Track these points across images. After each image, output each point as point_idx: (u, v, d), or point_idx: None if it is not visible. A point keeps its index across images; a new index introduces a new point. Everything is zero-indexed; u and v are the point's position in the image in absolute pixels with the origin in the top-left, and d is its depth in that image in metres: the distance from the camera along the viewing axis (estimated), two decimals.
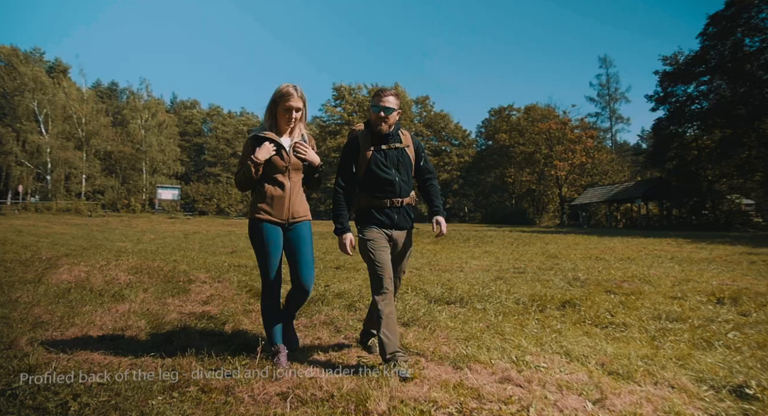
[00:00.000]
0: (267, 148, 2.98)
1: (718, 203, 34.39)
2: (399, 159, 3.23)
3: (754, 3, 30.75)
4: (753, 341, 3.66)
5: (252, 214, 3.08)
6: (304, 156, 3.09)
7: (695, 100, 35.43)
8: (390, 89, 3.20)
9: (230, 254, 11.05)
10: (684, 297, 5.50)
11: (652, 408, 2.47)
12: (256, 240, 3.05)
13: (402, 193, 3.20)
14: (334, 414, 2.28)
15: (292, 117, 3.02)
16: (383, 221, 3.18)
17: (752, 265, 8.79)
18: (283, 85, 3.01)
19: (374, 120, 3.17)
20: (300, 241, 3.10)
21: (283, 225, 3.07)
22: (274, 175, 3.04)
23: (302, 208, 3.15)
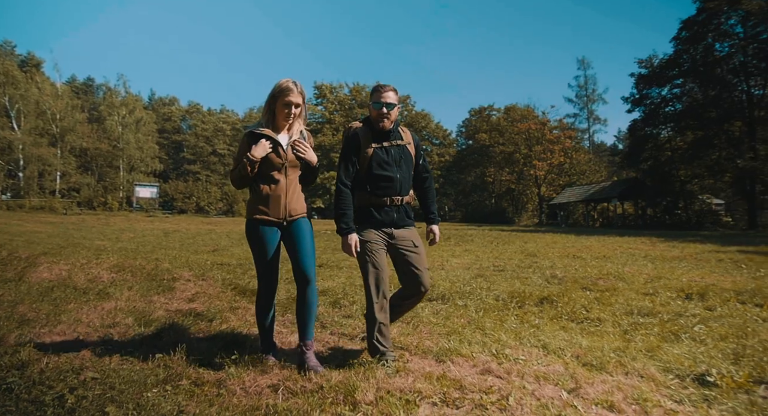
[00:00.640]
0: (263, 145, 2.92)
1: (690, 203, 35.39)
2: (401, 156, 3.16)
3: (723, 9, 31.73)
4: (716, 333, 3.88)
5: (249, 214, 3.03)
6: (303, 155, 3.02)
7: (669, 102, 36.38)
8: (389, 85, 3.13)
9: (212, 252, 11.03)
10: (655, 294, 5.74)
11: (623, 395, 2.63)
12: (253, 241, 3.01)
13: (402, 190, 3.15)
14: (324, 404, 2.38)
15: (291, 113, 2.96)
16: (382, 220, 3.11)
17: (720, 263, 9.15)
18: (283, 80, 2.94)
19: (375, 117, 3.10)
20: (299, 234, 3.02)
21: (281, 223, 3.00)
22: (271, 172, 2.96)
23: (299, 206, 3.07)
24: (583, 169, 52.04)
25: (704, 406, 2.50)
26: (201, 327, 3.95)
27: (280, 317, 4.43)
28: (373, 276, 3.04)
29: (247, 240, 3.08)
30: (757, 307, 4.95)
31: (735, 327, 4.08)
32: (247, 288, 5.65)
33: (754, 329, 4.01)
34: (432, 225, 3.36)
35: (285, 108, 2.95)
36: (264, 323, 3.17)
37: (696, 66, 33.62)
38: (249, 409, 2.31)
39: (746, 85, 32.63)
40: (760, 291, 5.70)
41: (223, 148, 68.82)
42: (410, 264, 3.14)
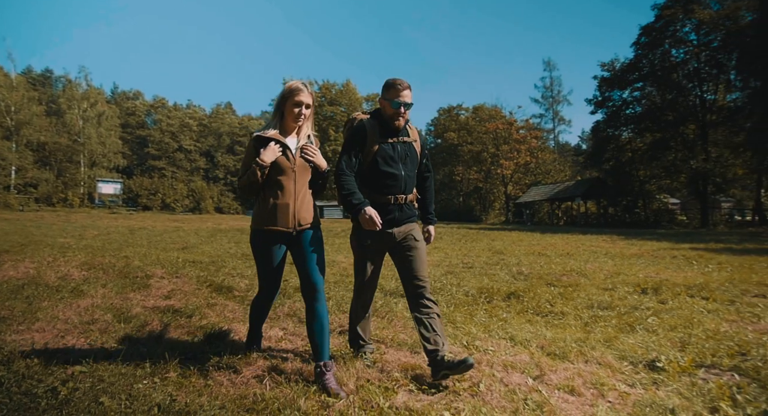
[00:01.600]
0: (272, 148, 2.78)
1: (649, 202, 36.88)
2: (407, 153, 3.05)
3: (679, 18, 33.19)
4: (667, 324, 4.21)
5: (256, 224, 2.86)
6: (312, 158, 2.87)
7: (629, 104, 37.78)
8: (405, 81, 2.97)
9: (182, 250, 10.93)
10: (614, 289, 6.09)
11: (582, 381, 2.87)
12: (259, 253, 2.88)
13: (407, 189, 3.04)
14: (309, 393, 2.53)
15: (302, 113, 2.83)
16: (384, 219, 2.95)
17: (673, 259, 9.69)
18: (292, 81, 2.85)
19: (391, 114, 2.97)
20: (308, 246, 2.85)
21: (290, 233, 2.82)
22: (279, 177, 2.80)
23: (309, 215, 2.89)
24: (549, 169, 53.36)
25: (653, 389, 2.76)
26: (181, 322, 4.02)
27: None
28: (363, 277, 3.06)
29: (252, 250, 2.95)
30: (704, 300, 5.34)
31: (683, 318, 4.43)
32: (222, 286, 5.71)
33: (700, 320, 4.36)
34: (429, 225, 3.27)
35: (296, 107, 2.82)
36: (257, 322, 3.22)
37: (654, 70, 35.06)
38: (237, 398, 2.44)
39: (700, 90, 34.28)
40: (707, 285, 6.13)
41: (190, 144, 67.39)
42: (410, 268, 3.00)
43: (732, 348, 3.47)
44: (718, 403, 2.48)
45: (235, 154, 70.34)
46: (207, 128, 70.69)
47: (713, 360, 3.23)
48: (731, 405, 2.47)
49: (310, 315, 2.82)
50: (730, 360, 3.21)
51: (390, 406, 2.41)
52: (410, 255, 3.00)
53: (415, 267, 2.99)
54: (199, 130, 69.74)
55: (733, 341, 3.64)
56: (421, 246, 3.07)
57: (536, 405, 2.49)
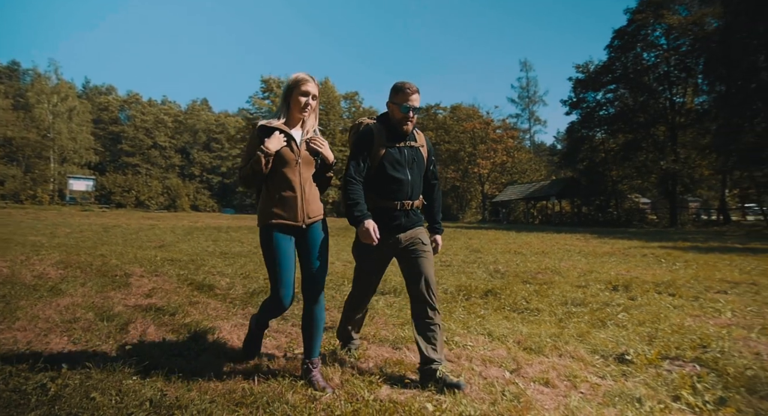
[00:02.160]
0: (277, 137, 2.71)
1: (621, 202, 37.83)
2: (414, 158, 3.01)
3: (650, 22, 34.18)
4: (636, 320, 4.41)
5: (263, 220, 2.77)
6: (320, 149, 2.83)
7: (603, 106, 38.66)
8: (413, 84, 2.94)
9: (159, 248, 10.83)
10: (587, 286, 6.31)
11: (557, 373, 3.03)
12: (268, 249, 2.74)
13: (413, 194, 3.00)
14: (296, 387, 2.62)
15: (308, 103, 2.79)
16: (390, 225, 2.93)
17: (643, 258, 10.03)
18: (298, 73, 2.80)
19: (400, 119, 2.93)
20: (315, 242, 2.82)
21: (299, 227, 2.77)
22: (283, 169, 2.74)
23: (317, 207, 2.86)
24: (524, 168, 54.19)
25: (622, 380, 2.93)
26: (164, 320, 4.04)
27: (241, 310, 4.59)
28: (363, 285, 3.06)
29: (261, 248, 2.80)
30: (671, 296, 5.59)
31: (651, 314, 4.64)
32: (203, 284, 5.73)
33: (666, 315, 4.58)
34: (436, 235, 3.24)
35: (303, 97, 2.77)
36: (267, 317, 2.99)
37: (627, 73, 35.98)
38: (226, 392, 2.51)
39: (669, 93, 35.37)
40: (674, 282, 6.41)
41: (165, 141, 66.26)
42: (416, 275, 2.93)
43: (694, 341, 3.68)
44: (680, 392, 2.66)
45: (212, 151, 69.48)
46: (182, 125, 69.58)
47: (677, 352, 3.43)
48: (691, 393, 2.65)
49: (308, 316, 2.81)
50: (692, 352, 3.42)
51: (374, 399, 2.51)
52: (417, 259, 2.94)
53: (422, 271, 2.92)
54: (174, 127, 68.63)
55: (695, 335, 3.86)
56: (429, 249, 3.02)
57: (513, 396, 2.62)
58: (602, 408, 2.48)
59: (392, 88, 2.97)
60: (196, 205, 57.45)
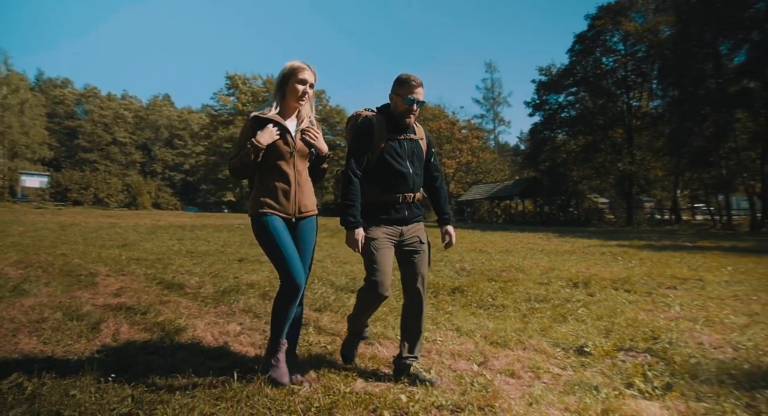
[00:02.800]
0: (270, 131, 2.64)
1: (581, 202, 39.10)
2: (414, 151, 3.00)
3: (609, 28, 35.53)
4: (594, 314, 4.67)
5: (255, 210, 2.70)
6: (314, 141, 2.77)
7: (565, 108, 39.89)
8: (417, 77, 2.92)
9: (123, 247, 10.60)
10: (549, 283, 6.58)
11: (521, 365, 3.21)
12: (265, 235, 2.66)
13: (415, 187, 2.99)
14: None
15: (306, 91, 2.72)
16: (392, 218, 2.92)
17: (602, 256, 10.48)
18: (293, 61, 2.73)
19: (403, 111, 2.91)
20: (306, 237, 2.81)
21: (290, 220, 2.73)
22: (277, 161, 2.70)
23: (310, 201, 2.83)
24: (489, 168, 55.17)
25: (581, 370, 3.14)
26: (136, 319, 4.04)
27: (213, 308, 4.61)
28: (374, 275, 2.83)
29: (256, 239, 2.72)
30: (626, 292, 5.92)
31: (608, 309, 4.92)
32: (173, 283, 5.70)
33: (622, 310, 4.87)
34: (446, 225, 3.18)
35: (300, 85, 2.70)
36: (285, 318, 2.70)
37: (587, 77, 37.26)
38: (206, 387, 2.57)
39: (627, 96, 36.87)
40: (629, 279, 6.77)
41: (125, 137, 64.27)
42: (412, 270, 2.97)
43: (646, 333, 3.94)
44: (633, 379, 2.88)
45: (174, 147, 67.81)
46: (143, 120, 67.65)
47: (631, 344, 3.67)
48: (643, 380, 2.87)
49: (280, 311, 2.69)
50: (645, 343, 3.67)
51: (351, 391, 2.62)
52: (415, 258, 2.97)
53: (420, 270, 2.96)
54: (134, 122, 66.66)
55: (647, 327, 4.13)
56: (426, 248, 3.04)
57: (481, 386, 2.78)
58: (563, 396, 2.66)
59: (396, 80, 2.95)
60: (158, 203, 55.97)
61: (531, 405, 2.51)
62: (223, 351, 3.25)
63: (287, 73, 2.72)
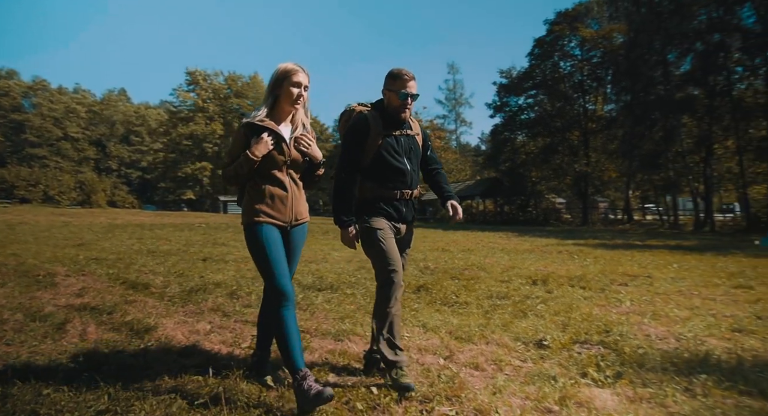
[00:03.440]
0: (265, 141, 2.55)
1: (539, 202, 40.26)
2: (411, 147, 2.96)
3: (566, 33, 36.80)
4: (552, 310, 4.92)
5: (249, 217, 2.60)
6: (308, 149, 2.68)
7: (524, 110, 40.97)
8: (410, 71, 2.88)
9: (79, 247, 10.29)
10: (510, 281, 6.84)
11: (485, 358, 3.38)
12: (257, 245, 2.56)
13: (413, 184, 2.95)
14: (248, 378, 2.77)
15: (301, 94, 2.63)
16: (392, 214, 2.89)
17: (559, 254, 10.92)
18: (286, 63, 2.63)
19: (398, 106, 2.86)
20: (297, 245, 2.78)
21: (285, 228, 2.67)
22: (272, 170, 2.61)
23: (304, 208, 2.78)
24: (451, 168, 55.93)
25: (540, 362, 3.34)
26: (103, 319, 4.00)
27: (181, 307, 4.60)
28: (389, 266, 2.74)
29: (248, 247, 2.62)
30: (582, 289, 6.23)
31: (565, 305, 5.19)
32: (137, 283, 5.63)
33: (578, 305, 5.14)
34: (450, 200, 3.01)
35: (295, 88, 2.60)
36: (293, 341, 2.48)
37: (546, 80, 38.43)
38: (181, 384, 2.62)
39: (583, 100, 38.24)
40: (584, 276, 7.11)
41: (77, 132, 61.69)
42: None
43: (600, 327, 4.20)
44: (587, 369, 3.09)
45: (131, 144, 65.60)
46: (98, 115, 65.08)
47: (586, 337, 3.91)
48: (596, 370, 3.09)
49: (278, 322, 2.50)
50: (598, 336, 3.92)
51: (323, 385, 2.71)
52: (402, 258, 2.97)
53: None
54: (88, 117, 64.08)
55: (601, 321, 4.40)
56: (407, 255, 3.08)
57: (448, 379, 2.93)
58: (524, 386, 2.84)
59: (388, 75, 2.90)
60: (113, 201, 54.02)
61: (494, 395, 2.67)
62: (196, 349, 3.28)
63: (280, 75, 2.61)
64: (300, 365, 2.43)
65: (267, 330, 2.85)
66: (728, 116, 26.63)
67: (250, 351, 3.28)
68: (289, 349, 2.45)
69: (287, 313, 2.49)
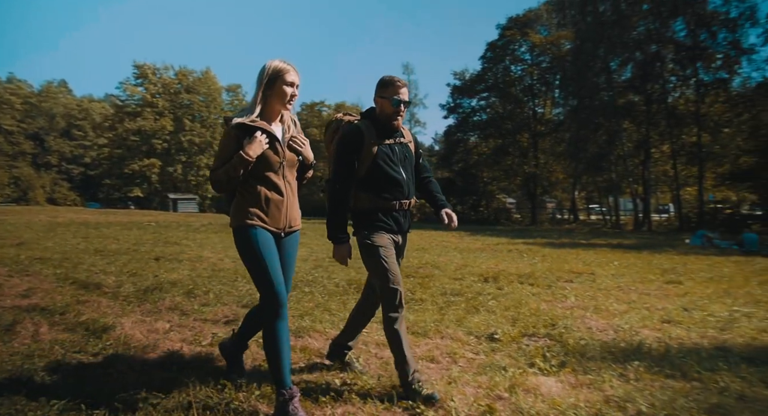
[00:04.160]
0: (259, 140, 2.40)
1: (490, 202, 41.37)
2: (406, 155, 2.89)
3: (517, 38, 38.05)
4: (503, 306, 5.18)
5: (241, 220, 2.45)
6: (301, 148, 2.59)
7: (477, 112, 41.90)
8: (401, 78, 2.82)
9: (18, 246, 9.81)
10: (463, 278, 7.09)
11: (440, 352, 3.56)
12: (249, 249, 2.42)
13: (410, 193, 2.88)
14: (216, 373, 2.82)
15: (294, 94, 2.52)
16: (391, 226, 2.82)
17: (509, 253, 11.35)
18: (273, 61, 2.50)
19: (390, 113, 2.79)
20: (291, 253, 2.65)
21: (279, 235, 2.54)
22: (266, 173, 2.47)
23: (298, 215, 2.67)
24: None
25: (491, 354, 3.55)
26: (55, 320, 3.91)
27: (138, 307, 4.54)
28: (392, 286, 2.68)
29: (239, 251, 2.48)
30: (530, 286, 6.56)
31: (515, 300, 5.46)
32: (89, 283, 5.49)
33: (526, 301, 5.43)
34: (446, 208, 2.97)
35: (288, 88, 2.48)
36: (283, 356, 2.38)
37: (498, 83, 39.53)
38: (145, 382, 2.64)
39: (533, 103, 39.63)
40: (533, 274, 7.48)
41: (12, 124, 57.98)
42: None
43: (547, 321, 4.48)
44: (535, 360, 3.33)
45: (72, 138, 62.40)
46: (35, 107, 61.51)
47: (533, 330, 4.17)
48: (542, 360, 3.33)
49: (270, 333, 2.40)
50: (545, 329, 4.19)
51: None
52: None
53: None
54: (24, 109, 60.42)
55: (548, 316, 4.68)
56: (401, 261, 3.04)
57: None
58: (477, 376, 3.03)
59: (379, 83, 2.85)
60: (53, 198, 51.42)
61: (450, 384, 2.85)
62: (156, 348, 3.29)
63: (272, 75, 2.46)
64: (288, 382, 2.35)
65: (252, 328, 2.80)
66: (664, 122, 28.35)
67: (211, 349, 3.33)
68: (280, 364, 2.35)
69: (281, 325, 2.38)
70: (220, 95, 60.84)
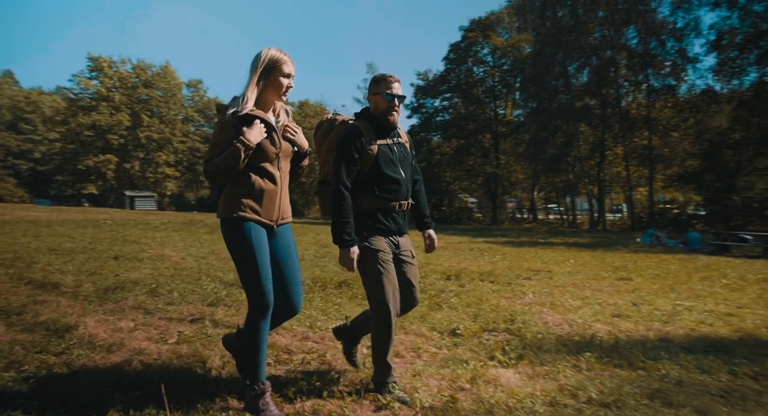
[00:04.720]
0: (259, 128, 2.35)
1: (453, 201, 42.04)
2: (404, 155, 2.86)
3: (479, 40, 38.82)
4: (465, 303, 5.36)
5: (232, 211, 2.37)
6: (294, 138, 2.55)
7: (440, 112, 42.47)
8: (394, 74, 2.76)
9: None
10: (426, 276, 7.24)
11: (404, 347, 3.68)
12: (240, 243, 2.36)
13: (408, 194, 2.86)
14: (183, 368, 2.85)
15: (290, 85, 2.47)
16: (390, 228, 2.77)
17: (471, 251, 11.63)
18: (269, 49, 2.43)
19: (385, 110, 2.73)
20: (288, 246, 2.57)
21: (271, 227, 2.47)
22: (262, 163, 2.40)
23: (289, 207, 2.61)
24: None
25: (454, 348, 3.70)
26: (12, 320, 3.81)
27: (99, 306, 4.47)
28: (386, 294, 2.63)
29: (227, 244, 2.41)
30: (491, 283, 6.79)
31: (476, 297, 5.65)
32: (45, 282, 5.34)
33: (487, 298, 5.63)
34: (429, 229, 3.07)
35: (285, 79, 2.43)
36: (261, 353, 2.40)
37: (460, 84, 40.18)
38: (114, 379, 2.64)
39: (494, 104, 40.52)
40: (493, 272, 7.73)
41: None
42: (408, 280, 2.86)
43: (506, 316, 4.68)
44: (494, 353, 3.49)
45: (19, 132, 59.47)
46: None
47: (494, 325, 4.35)
48: (502, 353, 3.50)
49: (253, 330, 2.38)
50: (504, 324, 4.38)
51: None
52: (407, 270, 2.86)
53: (412, 281, 2.89)
54: None
55: (507, 312, 4.89)
56: (415, 262, 2.97)
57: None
58: (440, 369, 3.16)
59: (372, 81, 2.81)
60: None
61: (414, 377, 2.97)
62: (122, 346, 3.27)
63: (269, 65, 2.40)
64: (263, 377, 2.37)
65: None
66: (618, 125, 29.61)
67: (178, 346, 3.34)
68: (257, 361, 2.37)
69: (265, 325, 2.37)
70: (180, 91, 59.30)
